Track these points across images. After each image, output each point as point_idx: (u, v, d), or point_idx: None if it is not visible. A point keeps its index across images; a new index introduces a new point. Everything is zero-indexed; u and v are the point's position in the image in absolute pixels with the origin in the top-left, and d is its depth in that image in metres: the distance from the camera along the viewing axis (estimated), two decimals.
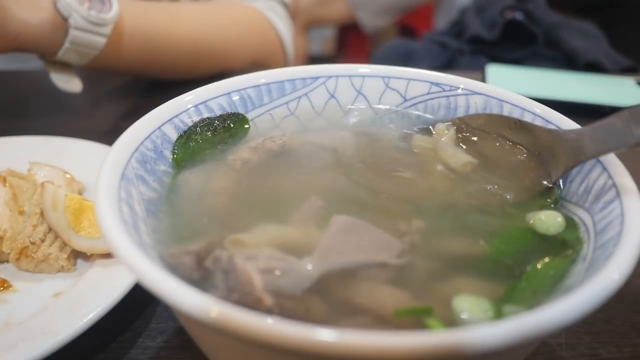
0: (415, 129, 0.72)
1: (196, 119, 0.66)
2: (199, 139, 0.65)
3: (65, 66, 1.05)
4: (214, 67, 1.27)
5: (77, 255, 0.76)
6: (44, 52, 1.01)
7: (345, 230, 0.52)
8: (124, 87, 1.35)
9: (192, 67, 1.25)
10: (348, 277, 0.50)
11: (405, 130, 0.72)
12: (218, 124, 0.67)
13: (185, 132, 0.64)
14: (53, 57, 1.02)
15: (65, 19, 0.95)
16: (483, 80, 1.32)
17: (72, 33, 0.95)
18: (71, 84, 1.05)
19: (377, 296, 0.49)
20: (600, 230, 0.51)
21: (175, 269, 0.50)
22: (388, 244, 0.52)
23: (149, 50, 1.13)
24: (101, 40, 0.99)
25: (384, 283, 0.49)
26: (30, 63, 1.42)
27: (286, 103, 0.73)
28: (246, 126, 0.70)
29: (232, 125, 0.69)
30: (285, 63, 1.42)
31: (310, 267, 0.49)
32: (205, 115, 0.67)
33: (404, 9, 2.59)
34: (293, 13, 1.51)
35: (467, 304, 0.47)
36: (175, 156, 0.63)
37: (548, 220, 0.55)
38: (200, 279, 0.51)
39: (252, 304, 0.45)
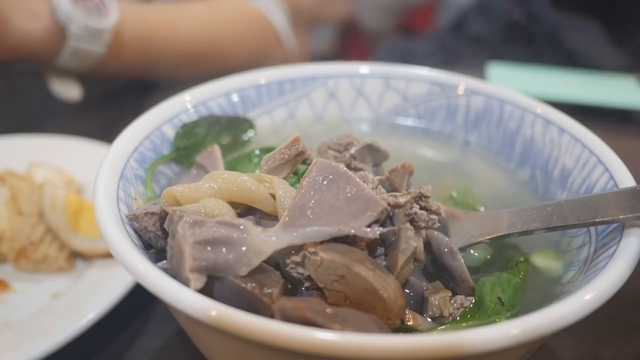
0: None
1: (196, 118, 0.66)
2: (201, 132, 0.64)
3: (64, 73, 1.05)
4: (214, 67, 1.27)
5: (76, 255, 0.76)
6: (44, 61, 1.01)
7: (322, 180, 0.46)
8: (124, 87, 1.35)
9: (191, 68, 1.25)
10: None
11: None
12: (224, 124, 0.67)
13: (189, 122, 0.64)
14: (52, 66, 1.02)
15: (64, 29, 0.95)
16: (483, 79, 1.32)
17: (70, 42, 0.96)
18: (70, 92, 1.06)
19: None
20: (601, 230, 0.51)
21: (140, 233, 0.49)
22: (367, 204, 0.45)
23: (147, 54, 1.13)
24: (99, 50, 0.99)
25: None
26: (30, 63, 1.41)
27: (286, 103, 0.73)
28: (250, 131, 0.70)
29: (237, 128, 0.68)
30: (284, 58, 1.42)
31: (267, 239, 0.42)
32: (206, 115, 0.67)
33: (404, 8, 2.59)
34: (294, 11, 1.51)
35: None
36: (175, 144, 0.62)
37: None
38: (162, 244, 0.48)
39: (183, 282, 0.41)
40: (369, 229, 0.44)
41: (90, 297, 0.66)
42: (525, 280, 0.50)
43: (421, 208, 0.48)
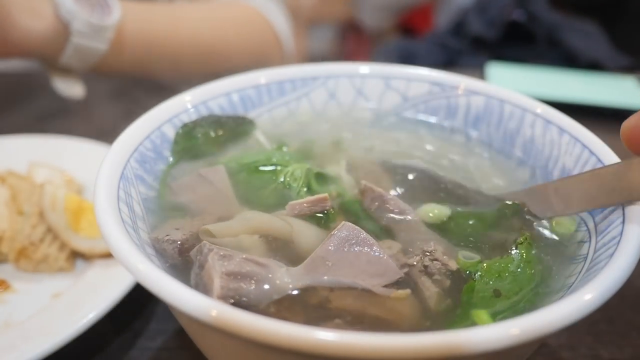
0: None
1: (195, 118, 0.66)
2: (202, 132, 0.64)
3: (67, 71, 1.06)
4: (214, 67, 1.27)
5: (76, 255, 0.76)
6: (47, 59, 1.02)
7: (347, 242, 0.49)
8: (124, 87, 1.35)
9: (192, 68, 1.26)
10: (323, 294, 0.47)
11: None
12: (224, 123, 0.67)
13: (190, 122, 0.64)
14: (55, 64, 1.02)
15: (67, 26, 0.96)
16: (483, 79, 1.32)
17: (74, 39, 0.96)
18: (73, 89, 1.06)
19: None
20: (602, 230, 0.51)
21: (159, 253, 0.51)
22: (385, 269, 0.49)
23: (149, 52, 1.14)
24: (102, 46, 0.99)
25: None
26: (31, 63, 1.42)
27: (286, 103, 0.73)
28: (252, 130, 0.70)
29: (238, 127, 0.68)
30: (283, 60, 1.42)
31: (288, 279, 0.47)
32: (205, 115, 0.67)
33: (404, 7, 2.60)
34: (294, 11, 1.51)
35: None
36: (175, 145, 0.62)
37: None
38: (182, 266, 0.51)
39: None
40: (385, 289, 0.47)
41: (90, 297, 0.66)
42: (531, 262, 0.50)
43: (432, 260, 0.51)
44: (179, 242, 0.51)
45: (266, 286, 0.46)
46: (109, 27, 0.98)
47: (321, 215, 0.57)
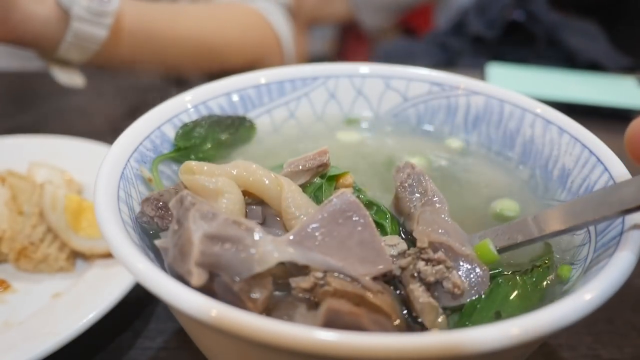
0: None
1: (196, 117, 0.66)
2: (202, 132, 0.64)
3: (66, 63, 1.05)
4: (213, 66, 1.27)
5: (76, 255, 0.76)
6: (45, 47, 1.01)
7: (342, 214, 0.44)
8: (124, 87, 1.35)
9: (191, 65, 1.26)
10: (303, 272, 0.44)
11: None
12: (224, 123, 0.67)
13: (190, 122, 0.64)
14: (54, 54, 1.02)
15: (66, 12, 0.96)
16: (483, 79, 1.32)
17: (74, 24, 0.96)
18: (73, 79, 1.06)
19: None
20: (601, 230, 0.51)
21: (145, 223, 0.50)
22: (377, 256, 0.44)
23: (149, 47, 1.14)
24: (102, 33, 0.99)
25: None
26: (31, 63, 1.41)
27: (286, 103, 0.73)
28: (252, 131, 0.70)
29: (238, 128, 0.68)
30: (283, 62, 1.43)
31: (272, 248, 0.42)
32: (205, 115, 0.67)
33: (404, 7, 2.59)
34: (295, 12, 1.51)
35: None
36: (176, 143, 0.62)
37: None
38: (160, 218, 0.49)
39: (183, 274, 0.41)
40: (373, 283, 0.44)
41: (90, 297, 0.66)
42: (543, 289, 0.48)
43: (424, 260, 0.46)
44: (158, 199, 0.49)
45: (249, 254, 0.41)
46: (109, 12, 0.98)
47: (319, 180, 0.55)
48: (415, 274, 0.45)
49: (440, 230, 0.49)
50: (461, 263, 0.47)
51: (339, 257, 0.44)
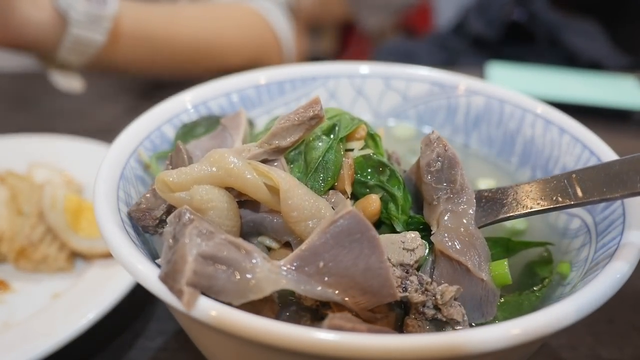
0: None
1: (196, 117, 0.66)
2: (202, 132, 0.64)
3: (65, 67, 1.05)
4: (213, 66, 1.27)
5: (76, 255, 0.76)
6: (43, 52, 1.01)
7: (348, 236, 0.41)
8: (124, 87, 1.35)
9: (190, 66, 1.26)
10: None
11: None
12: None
13: (190, 122, 0.64)
14: (53, 58, 1.02)
15: (64, 17, 0.96)
16: (483, 79, 1.32)
17: (71, 30, 0.96)
18: (72, 83, 1.06)
19: None
20: (602, 230, 0.51)
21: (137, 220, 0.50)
22: (382, 286, 0.41)
23: (148, 49, 1.14)
24: (100, 37, 0.99)
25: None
26: (31, 63, 1.42)
27: (286, 104, 0.73)
28: (251, 130, 0.70)
29: None
30: (283, 62, 1.42)
31: (270, 276, 0.39)
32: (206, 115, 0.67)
33: (404, 7, 2.59)
34: (295, 12, 1.51)
35: None
36: (175, 142, 0.62)
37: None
38: (154, 228, 0.49)
39: (174, 290, 0.38)
40: (374, 314, 0.43)
41: (90, 297, 0.66)
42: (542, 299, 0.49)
43: (434, 306, 0.44)
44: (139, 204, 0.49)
45: (244, 279, 0.39)
46: (106, 17, 0.99)
47: (327, 139, 0.52)
48: (420, 311, 0.44)
49: (458, 246, 0.46)
50: (474, 288, 0.46)
51: (342, 287, 0.41)
